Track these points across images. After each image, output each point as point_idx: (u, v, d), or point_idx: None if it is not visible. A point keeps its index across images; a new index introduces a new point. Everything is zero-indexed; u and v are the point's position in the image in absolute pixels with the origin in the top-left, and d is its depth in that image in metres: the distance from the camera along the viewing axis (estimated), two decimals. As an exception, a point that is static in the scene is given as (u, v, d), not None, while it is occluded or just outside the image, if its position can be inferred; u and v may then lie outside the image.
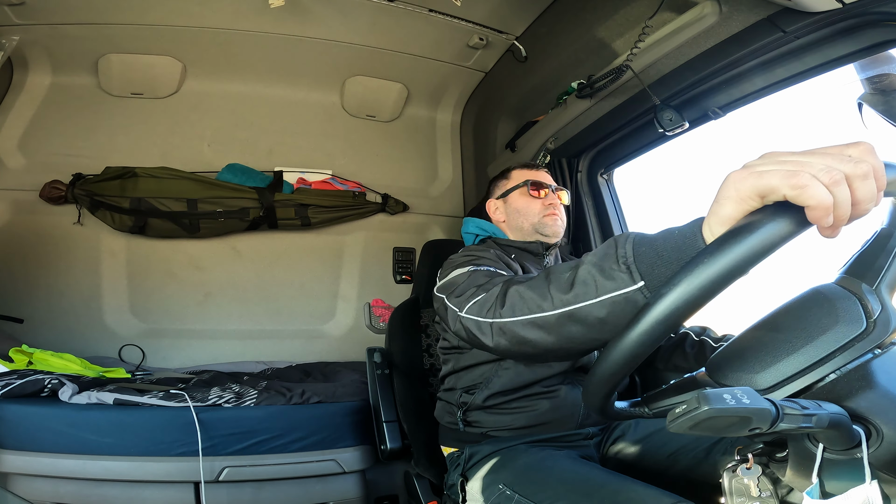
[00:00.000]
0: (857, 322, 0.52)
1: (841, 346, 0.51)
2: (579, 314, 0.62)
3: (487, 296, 0.82)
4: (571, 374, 1.14)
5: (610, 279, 0.59)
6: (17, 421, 1.31)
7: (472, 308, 0.83)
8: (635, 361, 0.52)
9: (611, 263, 0.60)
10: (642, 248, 0.58)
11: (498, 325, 0.76)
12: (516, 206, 1.30)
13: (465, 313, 0.84)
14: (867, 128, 0.89)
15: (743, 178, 0.46)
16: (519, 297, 0.73)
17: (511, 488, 0.96)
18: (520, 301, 0.73)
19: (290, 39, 1.89)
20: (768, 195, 0.45)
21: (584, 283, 0.63)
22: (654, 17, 1.21)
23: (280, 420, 1.47)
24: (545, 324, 0.68)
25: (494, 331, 0.76)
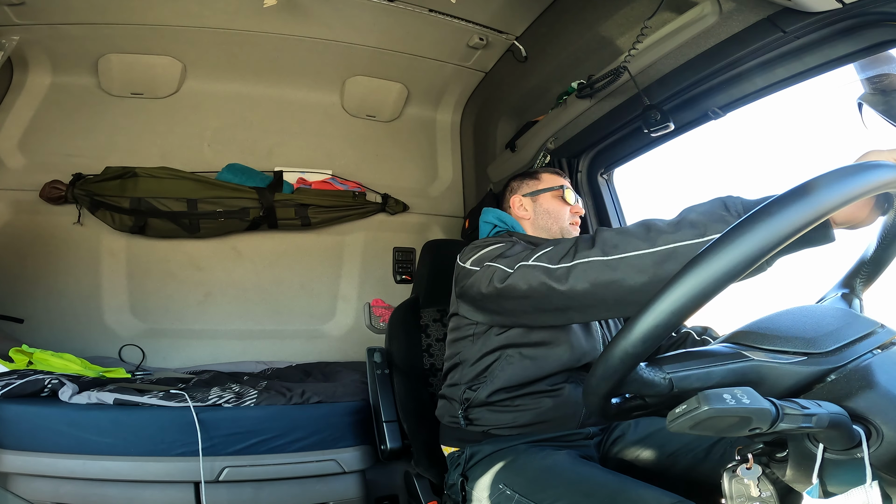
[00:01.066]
0: (869, 321, 0.56)
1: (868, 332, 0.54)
2: (682, 252, 0.68)
3: (559, 248, 0.87)
4: (576, 373, 1.14)
5: (721, 222, 0.65)
6: (17, 421, 1.31)
7: (541, 257, 0.88)
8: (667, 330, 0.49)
9: (722, 211, 0.66)
10: (752, 203, 0.64)
11: (582, 265, 0.80)
12: (547, 207, 1.32)
13: (534, 262, 0.89)
14: (867, 128, 0.89)
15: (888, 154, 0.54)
16: (613, 239, 0.78)
17: (511, 488, 0.96)
18: (613, 241, 0.78)
19: (290, 39, 1.89)
20: None
21: (692, 224, 0.68)
22: (655, 18, 1.21)
23: (280, 420, 1.47)
24: (641, 262, 0.73)
25: (574, 272, 0.81)
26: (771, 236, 0.44)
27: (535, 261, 0.90)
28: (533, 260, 0.90)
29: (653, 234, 0.74)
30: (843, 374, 0.51)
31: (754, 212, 0.45)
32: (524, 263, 0.92)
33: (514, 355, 1.12)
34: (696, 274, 0.46)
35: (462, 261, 1.15)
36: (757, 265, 0.45)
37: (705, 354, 0.54)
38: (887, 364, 0.51)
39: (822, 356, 0.52)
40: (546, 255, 0.89)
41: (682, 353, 0.54)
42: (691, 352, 0.55)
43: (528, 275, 0.90)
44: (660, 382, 0.51)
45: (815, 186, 0.45)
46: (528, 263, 0.91)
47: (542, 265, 0.88)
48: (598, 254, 0.80)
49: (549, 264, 0.87)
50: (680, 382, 0.51)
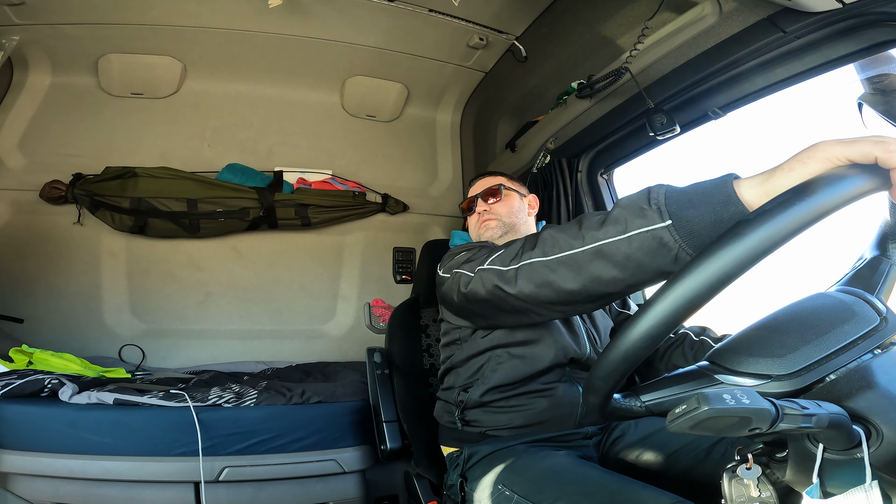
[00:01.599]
0: (870, 317, 0.54)
1: (863, 335, 0.53)
2: (607, 250, 0.67)
3: (510, 249, 0.87)
4: (569, 372, 1.14)
5: (640, 217, 0.64)
6: (17, 421, 1.31)
7: (494, 260, 0.89)
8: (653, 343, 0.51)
9: (642, 203, 0.65)
10: (673, 194, 0.63)
11: (526, 267, 0.80)
12: (468, 223, 1.40)
13: (488, 265, 0.89)
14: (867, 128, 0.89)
15: (834, 144, 0.52)
16: (551, 238, 0.78)
17: (510, 488, 0.96)
18: (551, 241, 0.77)
19: (290, 39, 1.89)
20: (858, 158, 0.50)
21: (615, 220, 0.67)
22: (655, 18, 1.21)
23: (280, 420, 1.47)
24: (574, 262, 0.72)
25: (520, 275, 0.81)
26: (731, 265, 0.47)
27: (490, 264, 0.90)
28: (488, 263, 0.90)
29: (583, 231, 0.72)
30: (843, 374, 0.51)
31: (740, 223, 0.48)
32: (481, 267, 0.93)
33: (503, 355, 1.13)
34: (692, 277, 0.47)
35: (439, 268, 1.18)
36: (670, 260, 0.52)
37: (679, 380, 0.58)
38: (887, 364, 0.51)
39: (785, 378, 0.52)
40: (499, 258, 0.89)
41: (658, 380, 0.59)
42: (667, 378, 0.59)
43: (484, 279, 0.91)
44: (637, 410, 0.58)
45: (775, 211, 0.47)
46: (483, 267, 0.92)
47: (495, 268, 0.88)
48: (539, 254, 0.79)
49: (501, 266, 0.87)
50: (655, 408, 0.57)
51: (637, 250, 0.64)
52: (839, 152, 0.51)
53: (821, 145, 0.53)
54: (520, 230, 1.34)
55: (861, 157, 0.50)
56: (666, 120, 1.30)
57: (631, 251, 0.64)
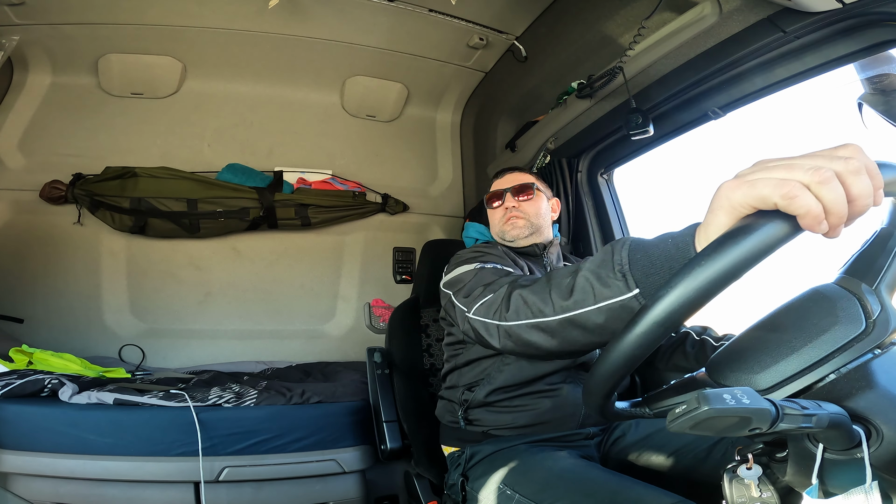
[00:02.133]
0: (856, 322, 0.52)
1: (840, 347, 0.51)
2: (579, 320, 0.64)
3: (494, 297, 0.84)
4: (574, 373, 1.14)
5: (606, 286, 0.61)
6: (17, 421, 1.31)
7: (479, 310, 0.86)
8: (634, 362, 0.52)
9: (607, 271, 0.62)
10: (637, 255, 0.59)
11: (504, 328, 0.78)
12: (489, 215, 1.35)
13: (474, 314, 0.86)
14: (867, 128, 0.89)
15: (735, 188, 0.46)
16: (522, 302, 0.75)
17: (512, 488, 0.96)
18: (523, 306, 0.75)
19: (290, 39, 1.89)
20: (760, 205, 0.45)
21: (582, 290, 0.65)
22: (655, 18, 1.21)
23: (280, 420, 1.47)
24: (547, 328, 0.70)
25: (501, 333, 0.79)
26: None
27: (475, 314, 0.87)
28: (473, 313, 0.87)
29: (552, 298, 0.70)
30: (843, 374, 0.51)
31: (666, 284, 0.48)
32: (468, 315, 0.89)
33: (510, 358, 1.13)
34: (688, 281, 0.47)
35: (445, 273, 1.13)
36: None
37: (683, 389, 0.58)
38: (887, 364, 0.51)
39: (761, 392, 0.51)
40: (484, 308, 0.85)
41: (663, 391, 0.60)
42: (672, 388, 0.60)
43: (473, 326, 0.87)
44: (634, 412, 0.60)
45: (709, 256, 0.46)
46: (470, 316, 0.88)
47: (480, 320, 0.85)
48: (513, 317, 0.77)
49: (485, 319, 0.84)
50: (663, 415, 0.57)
51: (609, 320, 0.61)
52: (741, 199, 0.46)
53: (722, 191, 0.48)
54: (543, 233, 1.31)
55: (762, 204, 0.45)
56: (641, 120, 1.30)
57: (602, 321, 0.62)
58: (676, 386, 0.61)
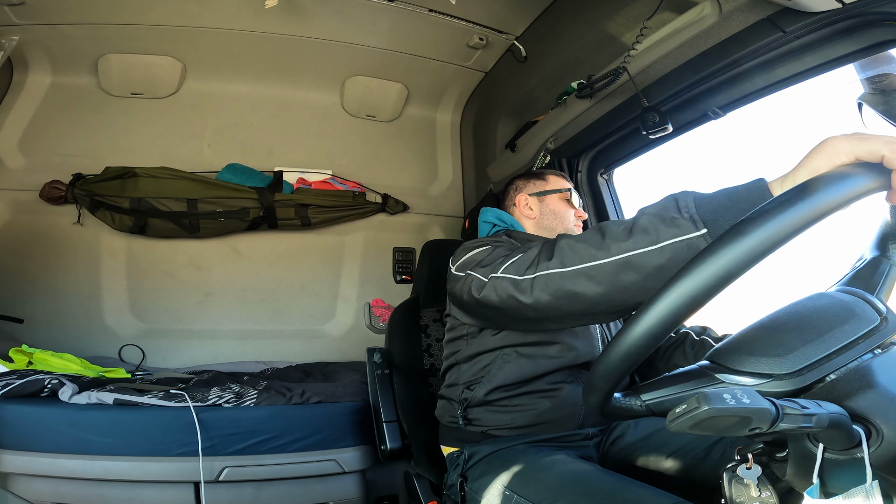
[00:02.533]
0: (871, 316, 0.54)
1: (862, 335, 0.53)
2: (637, 261, 0.65)
3: (525, 256, 0.84)
4: (575, 372, 1.14)
5: (672, 226, 0.62)
6: (17, 421, 1.31)
7: (508, 268, 0.86)
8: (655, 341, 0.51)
9: (672, 213, 0.63)
10: (704, 201, 0.62)
11: (542, 278, 0.78)
12: (553, 208, 1.33)
13: (502, 273, 0.87)
14: (867, 128, 0.89)
15: (846, 139, 0.52)
16: (570, 249, 0.76)
17: (511, 488, 0.96)
18: (570, 252, 0.75)
19: (290, 39, 1.89)
20: (866, 156, 0.50)
21: (644, 230, 0.65)
22: (655, 18, 1.21)
23: (280, 420, 1.47)
24: (598, 273, 0.70)
25: (536, 285, 0.79)
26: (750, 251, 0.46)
27: (504, 272, 0.87)
28: (501, 271, 0.88)
29: (607, 242, 0.70)
30: (843, 374, 0.51)
31: (742, 222, 0.48)
32: (494, 275, 0.89)
33: (512, 354, 1.12)
34: (692, 277, 0.47)
35: (452, 263, 1.14)
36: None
37: (679, 379, 0.57)
38: (887, 364, 0.51)
39: (785, 377, 0.52)
40: (514, 266, 0.86)
41: (658, 380, 0.59)
42: (667, 377, 0.58)
43: (497, 287, 0.87)
44: (638, 409, 0.58)
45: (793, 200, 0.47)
46: (497, 275, 0.88)
47: (509, 277, 0.85)
48: (557, 265, 0.77)
49: (515, 275, 0.84)
50: (656, 407, 0.57)
51: (670, 261, 0.62)
52: (847, 149, 0.51)
53: (830, 141, 0.53)
54: None
55: (868, 156, 0.50)
56: (658, 118, 1.29)
57: (663, 262, 0.62)
58: (671, 377, 0.60)
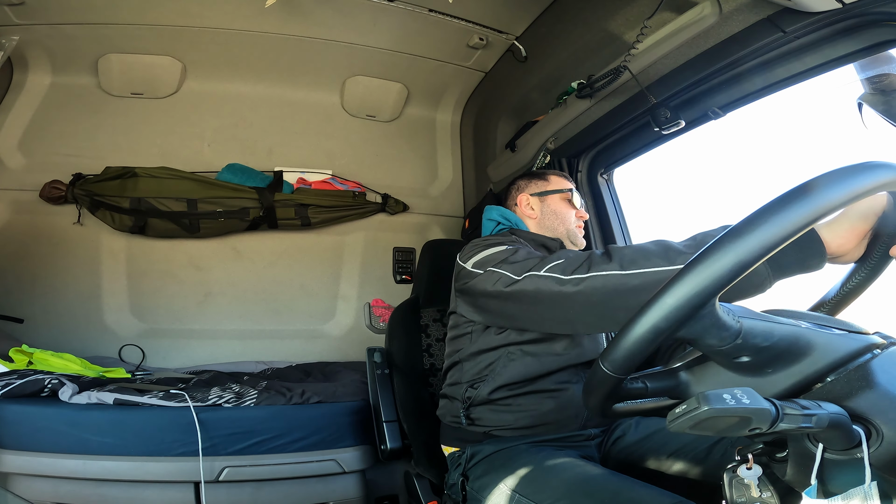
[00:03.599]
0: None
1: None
2: None
3: (572, 260, 0.89)
4: (581, 371, 1.14)
5: None
6: (17, 421, 1.31)
7: (553, 268, 0.90)
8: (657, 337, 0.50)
9: None
10: None
11: (599, 277, 0.83)
12: (555, 208, 1.33)
13: (546, 272, 0.91)
14: (867, 128, 0.89)
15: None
16: (633, 253, 0.82)
17: (512, 488, 0.96)
18: (632, 256, 0.81)
19: (290, 39, 1.89)
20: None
21: None
22: (655, 18, 1.21)
23: (280, 420, 1.47)
24: (659, 279, 0.76)
25: (589, 283, 0.84)
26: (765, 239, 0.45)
27: (548, 271, 0.91)
28: (545, 271, 0.91)
29: (671, 254, 0.77)
30: (844, 374, 0.51)
31: (750, 215, 0.47)
32: (534, 273, 0.93)
33: (516, 352, 1.12)
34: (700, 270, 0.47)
35: (462, 260, 1.15)
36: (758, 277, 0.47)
37: (766, 315, 0.55)
38: (887, 364, 0.51)
39: (863, 333, 0.53)
40: (558, 267, 0.90)
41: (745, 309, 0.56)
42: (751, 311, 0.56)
43: (538, 283, 0.91)
44: (732, 325, 0.50)
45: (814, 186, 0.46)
46: (539, 274, 0.92)
47: (553, 276, 0.89)
48: (616, 267, 0.82)
49: (561, 275, 0.88)
50: (748, 331, 0.51)
51: None
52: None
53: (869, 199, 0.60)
54: None
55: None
56: (670, 114, 1.30)
57: None
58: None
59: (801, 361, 0.52)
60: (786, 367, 0.52)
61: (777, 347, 0.52)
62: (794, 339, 0.52)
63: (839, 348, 0.52)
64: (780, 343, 0.52)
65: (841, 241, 0.66)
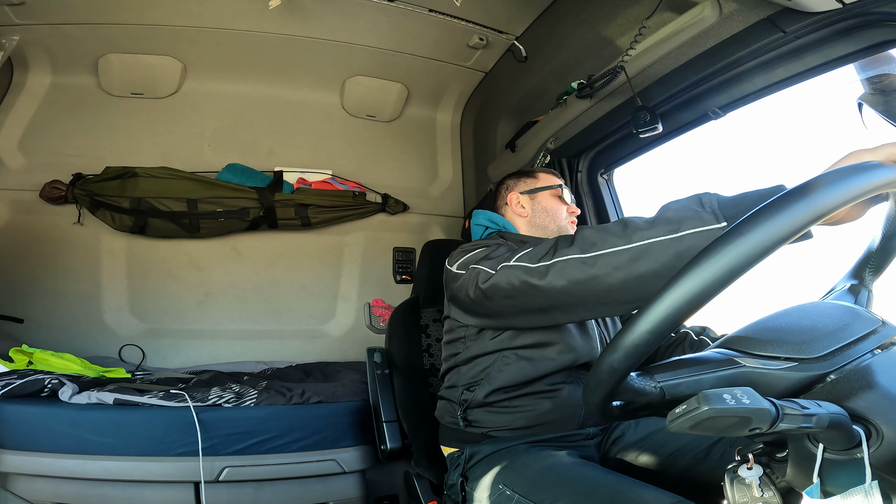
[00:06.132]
0: (872, 318, 0.57)
1: (869, 332, 0.54)
2: (656, 248, 0.69)
3: (539, 248, 0.88)
4: (575, 373, 1.14)
5: (694, 218, 0.67)
6: (17, 421, 1.31)
7: (521, 258, 0.90)
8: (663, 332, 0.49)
9: (694, 206, 0.68)
10: (727, 200, 0.67)
11: (560, 263, 0.81)
12: (545, 205, 1.33)
13: (515, 262, 0.90)
14: (867, 128, 0.89)
15: (864, 152, 0.56)
16: (591, 236, 0.80)
17: (511, 488, 0.96)
18: (591, 239, 0.79)
19: (290, 39, 1.89)
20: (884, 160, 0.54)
21: (666, 221, 0.70)
22: (655, 18, 1.21)
23: (280, 420, 1.47)
24: (616, 260, 0.74)
25: (553, 270, 0.82)
26: (766, 239, 0.45)
27: (517, 261, 0.90)
28: (515, 260, 0.91)
29: (629, 231, 0.74)
30: (843, 375, 0.51)
31: (750, 214, 0.47)
32: (506, 264, 0.93)
33: (511, 356, 1.12)
34: (696, 274, 0.46)
35: (450, 264, 1.15)
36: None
37: (697, 362, 0.54)
38: (887, 364, 0.51)
39: (814, 361, 0.52)
40: (527, 255, 0.90)
41: (673, 361, 0.55)
42: (683, 359, 0.55)
43: (509, 274, 0.91)
44: (651, 391, 0.52)
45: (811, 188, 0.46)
46: (509, 264, 0.92)
47: (522, 265, 0.89)
48: (577, 251, 0.81)
49: (529, 263, 0.88)
50: (671, 391, 0.52)
51: (689, 249, 0.66)
52: (867, 157, 0.55)
53: (855, 153, 0.57)
54: None
55: (886, 159, 0.54)
56: (649, 118, 1.29)
57: (682, 249, 0.66)
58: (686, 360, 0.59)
59: None
60: None
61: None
62: (731, 381, 0.52)
63: (780, 382, 0.52)
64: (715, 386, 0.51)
65: None
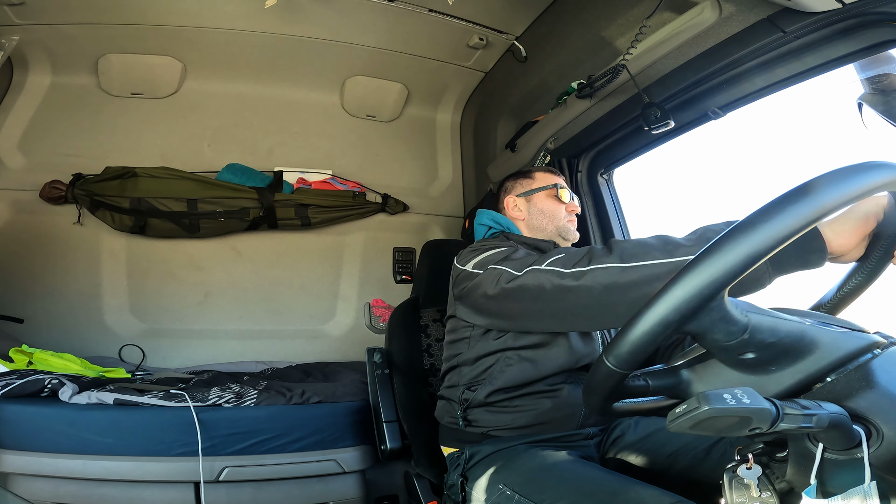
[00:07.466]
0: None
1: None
2: None
3: (572, 255, 0.91)
4: (575, 374, 1.14)
5: None
6: (17, 421, 1.31)
7: (554, 262, 0.92)
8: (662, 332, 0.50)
9: None
10: None
11: (599, 270, 0.84)
12: (542, 206, 1.31)
13: (547, 265, 0.92)
14: (867, 128, 0.89)
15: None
16: (633, 247, 0.83)
17: (511, 488, 0.96)
18: (632, 250, 0.82)
19: (290, 39, 1.89)
20: None
21: (708, 240, 0.71)
22: (655, 18, 1.21)
23: (280, 420, 1.47)
24: (658, 271, 0.78)
25: (589, 276, 0.85)
26: (775, 232, 0.45)
27: (549, 265, 0.92)
28: (546, 264, 0.92)
29: (670, 247, 0.78)
30: (844, 375, 0.51)
31: (758, 210, 0.47)
32: (535, 267, 0.94)
33: (513, 357, 1.12)
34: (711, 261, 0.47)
35: (461, 263, 1.15)
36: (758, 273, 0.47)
37: (772, 311, 0.54)
38: (887, 364, 0.51)
39: (864, 332, 0.53)
40: (559, 261, 0.91)
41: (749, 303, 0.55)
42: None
43: (540, 277, 0.92)
44: (739, 319, 0.50)
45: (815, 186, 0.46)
46: (539, 267, 0.93)
47: (555, 269, 0.90)
48: (616, 260, 0.83)
49: (562, 269, 0.90)
50: (755, 326, 0.51)
51: None
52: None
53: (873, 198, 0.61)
54: None
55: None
56: (660, 114, 1.29)
57: None
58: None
59: (805, 359, 0.52)
60: (790, 364, 0.52)
61: (782, 344, 0.51)
62: (800, 335, 0.52)
63: (843, 346, 0.52)
64: (785, 339, 0.51)
65: (843, 241, 0.66)
